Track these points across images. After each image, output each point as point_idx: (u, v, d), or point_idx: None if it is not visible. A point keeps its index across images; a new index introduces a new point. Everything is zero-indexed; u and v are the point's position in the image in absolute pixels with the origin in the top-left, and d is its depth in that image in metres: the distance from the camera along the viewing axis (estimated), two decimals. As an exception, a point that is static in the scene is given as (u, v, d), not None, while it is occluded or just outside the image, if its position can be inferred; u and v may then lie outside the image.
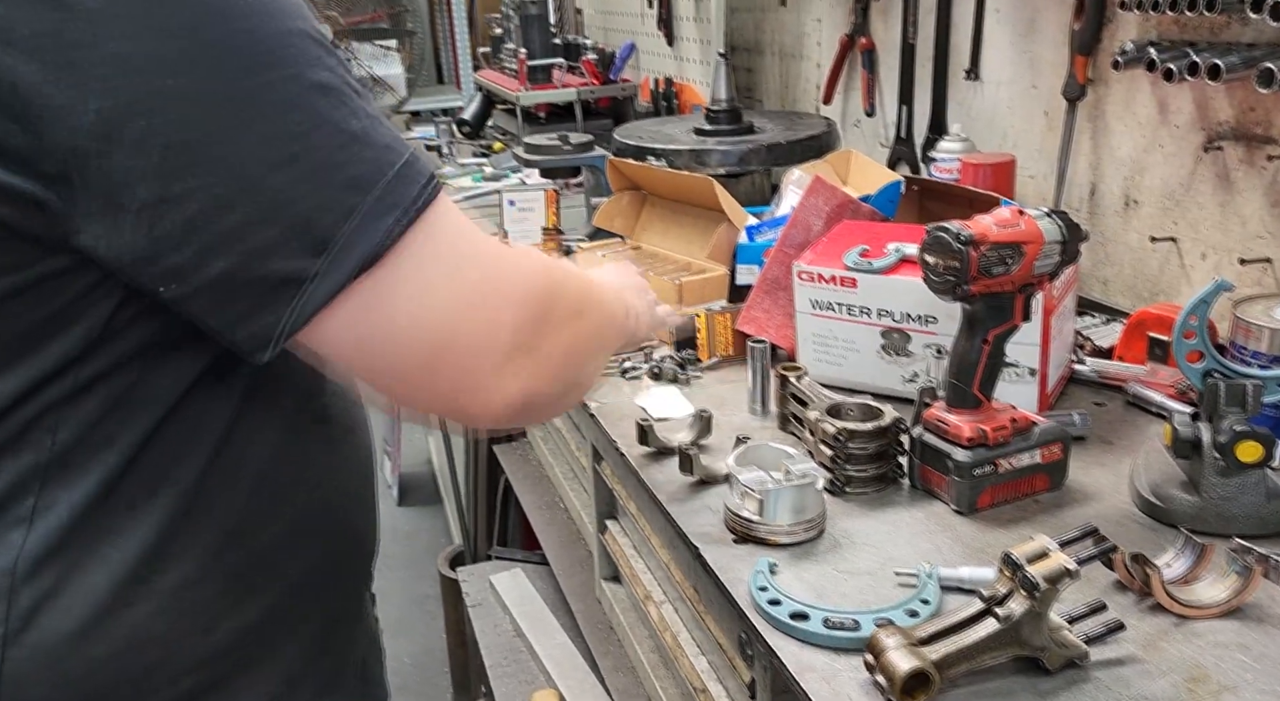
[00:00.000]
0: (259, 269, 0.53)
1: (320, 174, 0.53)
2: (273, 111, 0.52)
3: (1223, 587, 0.78)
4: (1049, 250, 0.91)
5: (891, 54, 1.83)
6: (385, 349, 0.57)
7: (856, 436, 0.97)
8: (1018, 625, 0.70)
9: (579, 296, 0.69)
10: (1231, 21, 1.14)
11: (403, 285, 0.56)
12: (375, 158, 0.55)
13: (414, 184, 0.56)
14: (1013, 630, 0.70)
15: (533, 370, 0.61)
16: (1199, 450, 0.88)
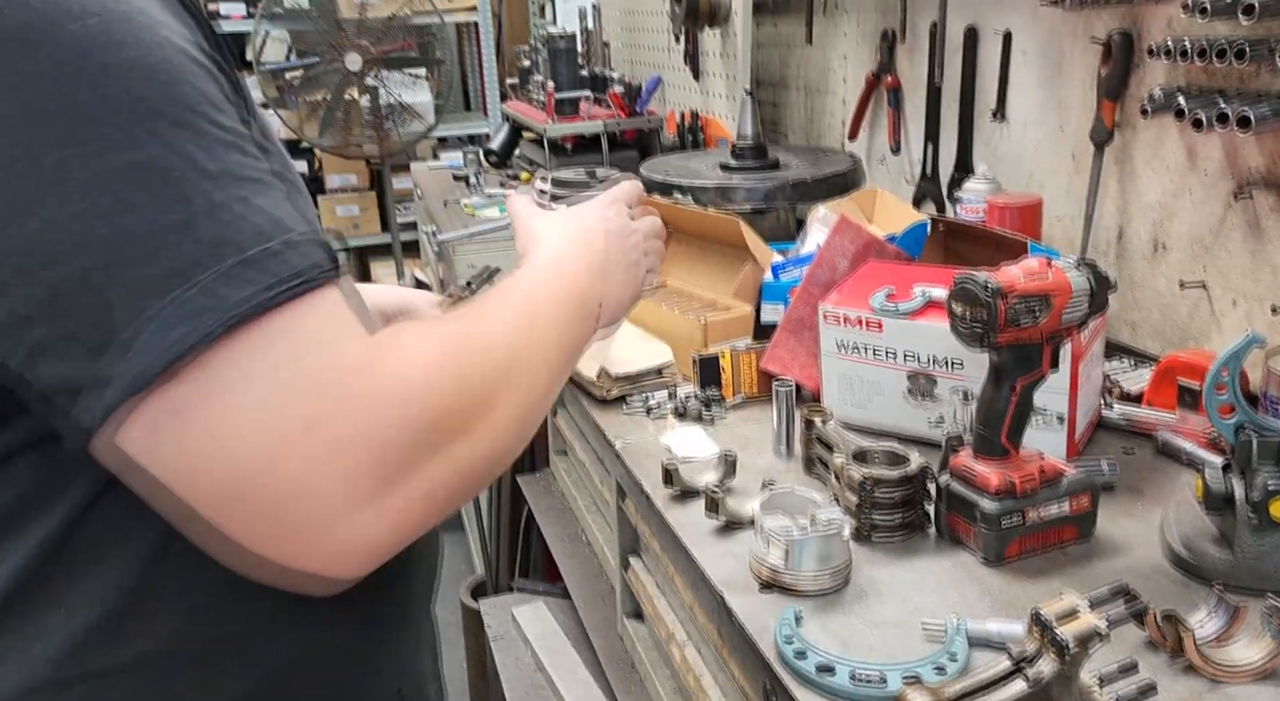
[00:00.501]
0: (36, 368, 0.48)
1: (112, 268, 0.46)
2: (74, 188, 0.46)
3: (1258, 649, 0.76)
4: (1077, 301, 0.91)
5: (917, 92, 1.84)
6: (181, 481, 0.49)
7: (882, 483, 0.97)
8: (1047, 687, 0.69)
9: (477, 403, 0.57)
10: (1261, 70, 1.14)
11: (202, 407, 0.47)
12: (191, 253, 0.47)
13: (248, 284, 0.48)
14: (1042, 692, 0.69)
15: (400, 510, 0.52)
16: (1231, 505, 0.87)
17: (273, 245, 0.50)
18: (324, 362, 0.51)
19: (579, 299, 0.75)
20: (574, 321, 0.73)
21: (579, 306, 0.74)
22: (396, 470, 0.52)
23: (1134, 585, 0.86)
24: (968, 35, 1.67)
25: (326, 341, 0.51)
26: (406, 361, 0.54)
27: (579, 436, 1.72)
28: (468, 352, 0.59)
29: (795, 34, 2.24)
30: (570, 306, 0.73)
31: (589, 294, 0.77)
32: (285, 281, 0.50)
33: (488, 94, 4.67)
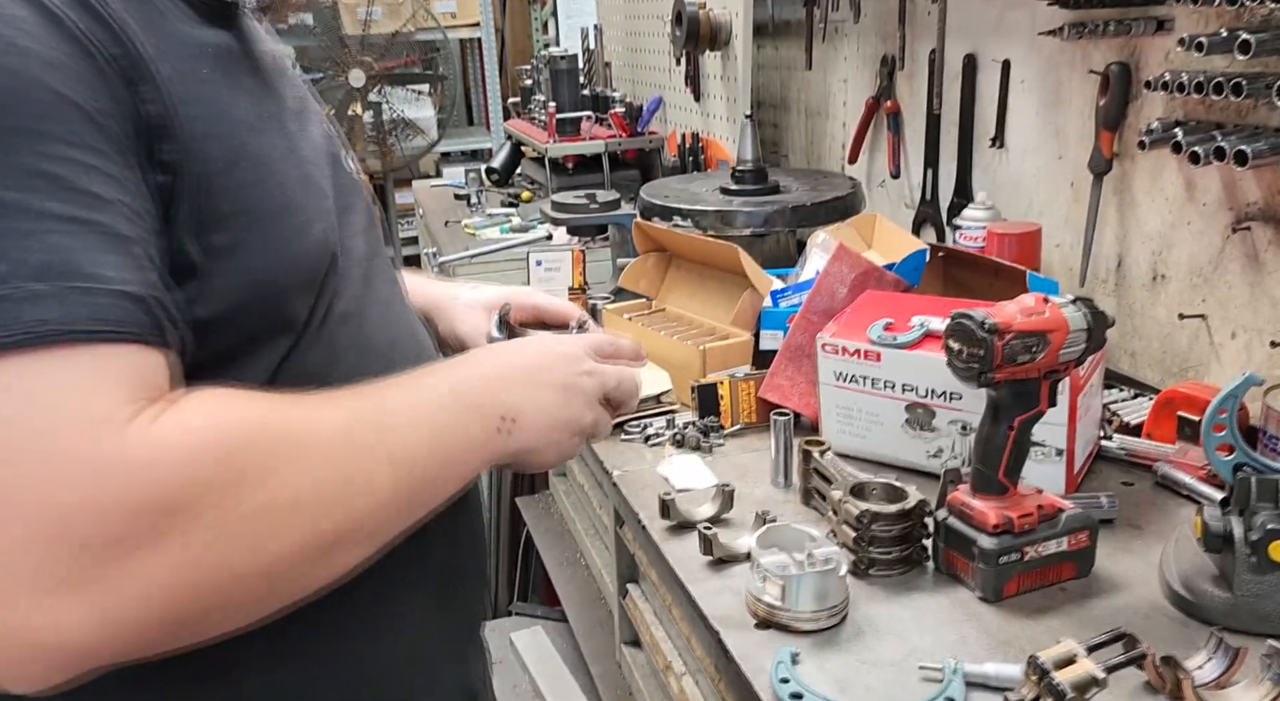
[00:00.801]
0: None
1: None
2: None
3: (1256, 694, 0.76)
4: (1074, 338, 0.91)
5: (917, 117, 1.85)
6: None
7: (880, 518, 0.97)
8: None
9: (237, 487, 0.50)
10: (1259, 105, 1.15)
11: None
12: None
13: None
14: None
15: (105, 607, 0.46)
16: (1231, 545, 0.87)
17: (29, 288, 0.47)
18: (38, 426, 0.46)
19: (472, 402, 0.66)
20: (456, 425, 0.64)
21: (466, 410, 0.65)
22: (101, 553, 0.46)
23: (1133, 624, 0.86)
24: (966, 63, 1.68)
25: (54, 403, 0.47)
26: (163, 430, 0.49)
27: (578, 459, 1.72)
28: (262, 432, 0.53)
29: (796, 57, 2.25)
30: (454, 410, 0.64)
31: (486, 400, 0.67)
32: (21, 329, 0.46)
33: (490, 109, 4.69)
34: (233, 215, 0.60)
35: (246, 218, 0.61)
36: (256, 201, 0.62)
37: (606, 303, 1.70)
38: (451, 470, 0.64)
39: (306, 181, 0.68)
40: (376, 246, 0.81)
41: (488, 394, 0.67)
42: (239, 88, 0.65)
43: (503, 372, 0.70)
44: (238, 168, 0.61)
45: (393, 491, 0.59)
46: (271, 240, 0.63)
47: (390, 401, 0.62)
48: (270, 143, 0.66)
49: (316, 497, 0.54)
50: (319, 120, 0.79)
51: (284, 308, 0.65)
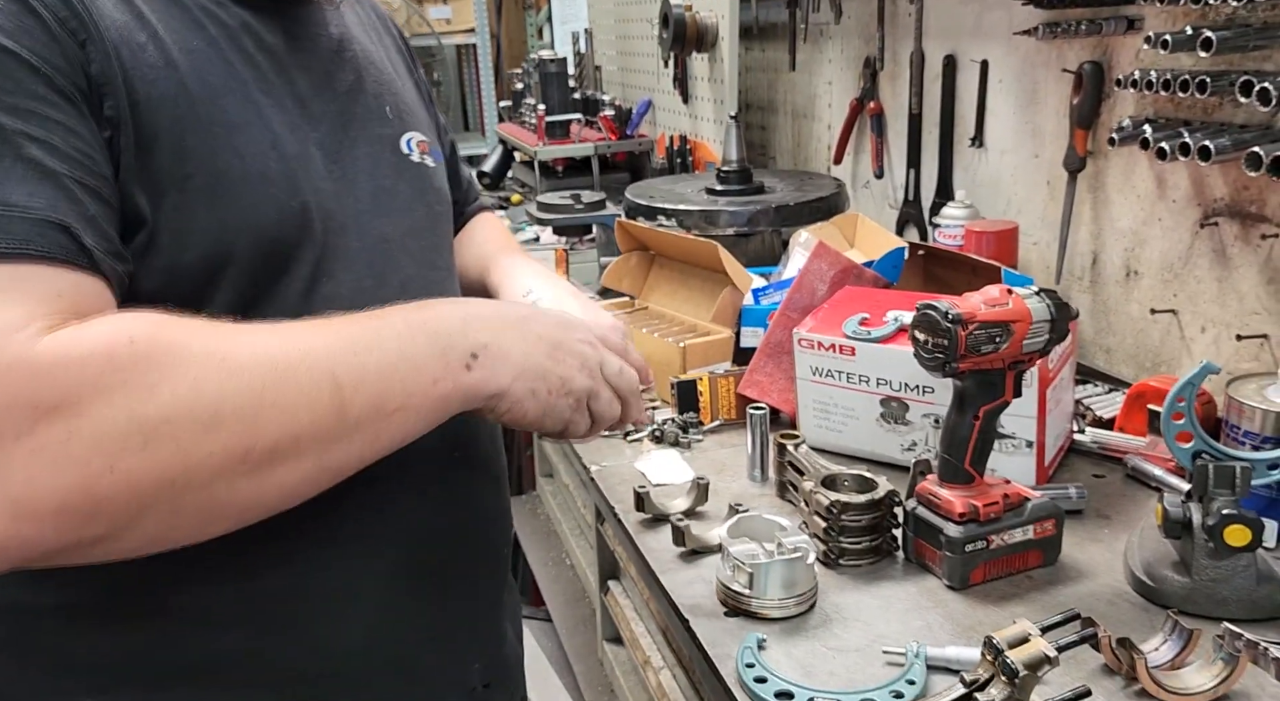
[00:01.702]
0: None
1: None
2: None
3: (1209, 674, 0.77)
4: (1037, 329, 0.93)
5: (900, 119, 1.86)
6: None
7: (850, 508, 0.98)
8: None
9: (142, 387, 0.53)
10: (1224, 102, 1.16)
11: None
12: None
13: None
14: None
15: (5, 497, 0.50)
16: (1190, 531, 0.88)
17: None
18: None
19: (437, 332, 0.65)
20: (414, 352, 0.63)
21: (431, 339, 0.65)
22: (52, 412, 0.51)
23: (1096, 610, 0.87)
24: (946, 63, 1.70)
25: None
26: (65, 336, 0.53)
27: (563, 458, 1.74)
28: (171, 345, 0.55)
29: (783, 59, 2.27)
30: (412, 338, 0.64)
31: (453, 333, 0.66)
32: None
33: (486, 115, 4.71)
34: (184, 176, 0.64)
35: (197, 180, 0.64)
36: (210, 166, 0.65)
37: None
38: (409, 398, 0.62)
39: (287, 157, 0.71)
40: (416, 229, 0.82)
41: (458, 328, 0.66)
42: (234, 62, 0.70)
43: (485, 314, 0.69)
44: (191, 132, 0.65)
45: (336, 410, 0.59)
46: (221, 205, 0.65)
47: (343, 327, 0.62)
48: (251, 114, 0.69)
49: (232, 410, 0.55)
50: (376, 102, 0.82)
51: (238, 272, 0.67)
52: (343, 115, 0.79)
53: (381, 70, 0.87)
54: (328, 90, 0.78)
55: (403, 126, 0.85)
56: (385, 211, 0.79)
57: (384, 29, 0.96)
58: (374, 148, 0.81)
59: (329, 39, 0.81)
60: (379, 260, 0.77)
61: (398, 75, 0.92)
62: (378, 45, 0.91)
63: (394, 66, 0.92)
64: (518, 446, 2.31)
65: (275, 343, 0.59)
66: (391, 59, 0.93)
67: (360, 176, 0.78)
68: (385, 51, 0.92)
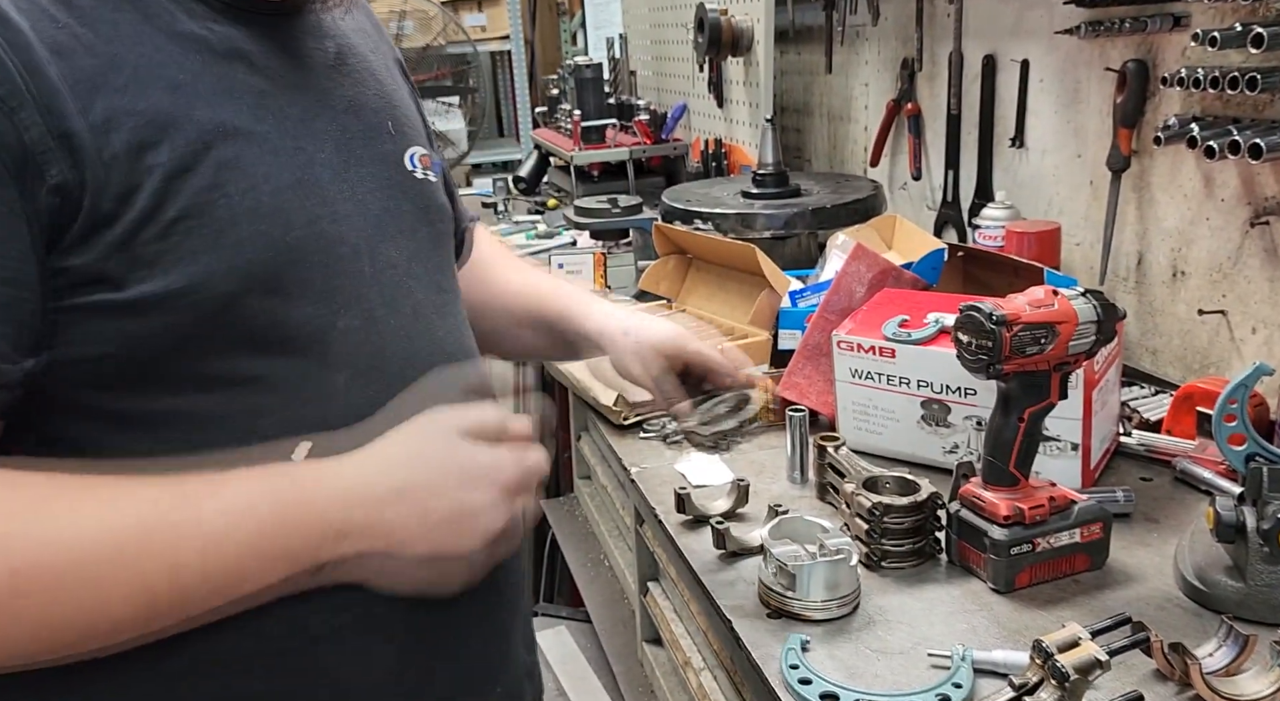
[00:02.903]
0: None
1: None
2: None
3: (1267, 681, 0.76)
4: (1084, 330, 0.92)
5: (938, 119, 1.85)
6: None
7: (892, 511, 0.98)
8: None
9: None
10: (1275, 99, 1.14)
11: None
12: None
13: None
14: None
15: None
16: (1243, 535, 0.86)
17: None
18: None
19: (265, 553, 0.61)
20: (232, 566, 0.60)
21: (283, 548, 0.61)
22: None
23: (1146, 614, 0.86)
24: (985, 64, 1.69)
25: None
26: None
27: (601, 461, 1.74)
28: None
29: (818, 62, 2.26)
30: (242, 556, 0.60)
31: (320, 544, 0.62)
32: None
33: (520, 121, 4.75)
34: (169, 223, 0.61)
35: (181, 225, 0.61)
36: (194, 208, 0.62)
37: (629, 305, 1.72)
38: (255, 590, 0.61)
39: (282, 189, 0.67)
40: (422, 251, 0.79)
41: (331, 533, 0.62)
42: (224, 92, 0.66)
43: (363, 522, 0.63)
44: (175, 176, 0.61)
45: (167, 593, 0.58)
46: (210, 248, 0.62)
47: (200, 519, 0.59)
48: (241, 146, 0.65)
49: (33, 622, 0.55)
50: (376, 117, 0.78)
51: (239, 315, 0.64)
52: (345, 133, 0.74)
53: (381, 82, 0.82)
54: (328, 108, 0.74)
55: (405, 142, 0.81)
56: (392, 234, 0.75)
57: (379, 36, 0.90)
58: (378, 167, 0.76)
59: (326, 52, 0.76)
60: (389, 286, 0.73)
61: (396, 85, 0.86)
62: (375, 54, 0.85)
63: (391, 76, 0.86)
64: (556, 449, 2.33)
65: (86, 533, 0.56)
66: (388, 67, 0.87)
67: (368, 197, 0.74)
68: (382, 59, 0.87)
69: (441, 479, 0.65)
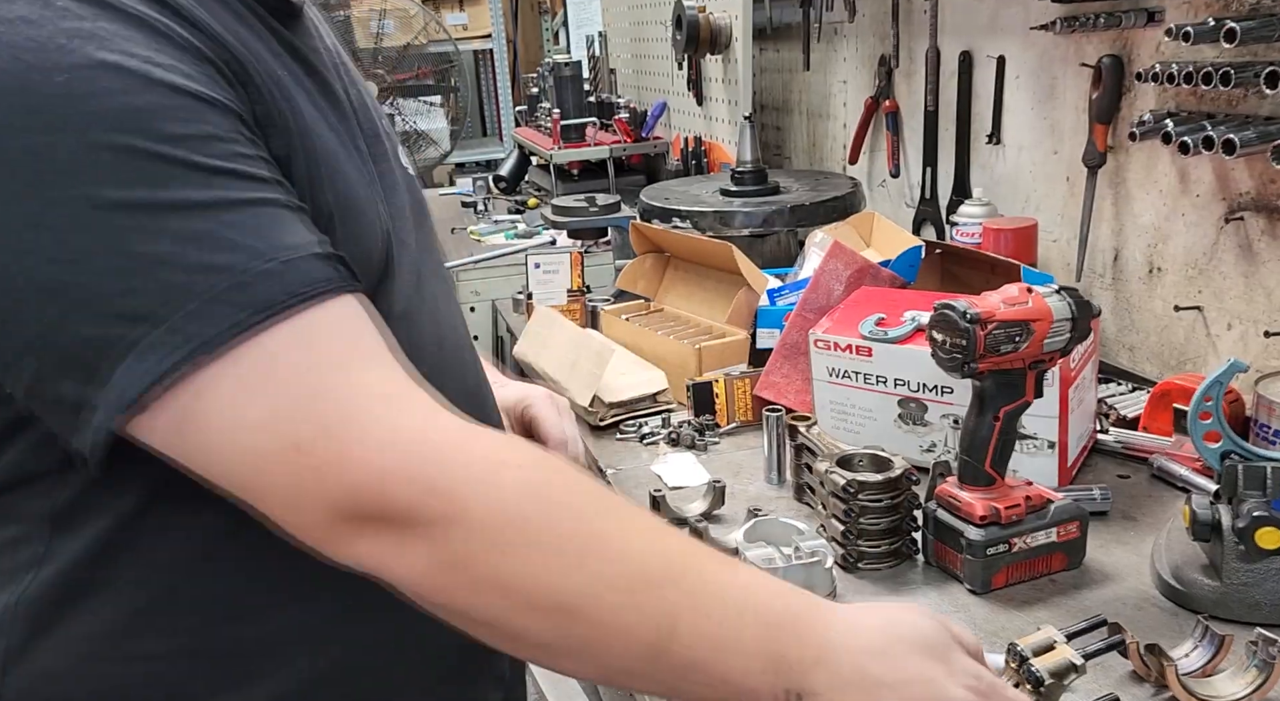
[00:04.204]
0: (43, 393, 0.53)
1: (91, 304, 0.51)
2: (49, 235, 0.50)
3: (1243, 682, 0.75)
4: (1058, 328, 0.91)
5: (915, 117, 1.85)
6: (207, 470, 0.54)
7: (866, 488, 0.96)
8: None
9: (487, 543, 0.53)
10: (1248, 94, 1.14)
11: (192, 429, 0.52)
12: (174, 284, 0.51)
13: (227, 314, 0.51)
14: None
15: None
16: (1219, 533, 0.86)
17: (240, 278, 0.52)
18: (320, 383, 0.53)
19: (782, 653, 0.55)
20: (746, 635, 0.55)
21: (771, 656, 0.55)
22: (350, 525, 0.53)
23: (1123, 615, 0.85)
24: (962, 60, 1.68)
25: (329, 362, 0.53)
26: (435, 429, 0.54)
27: (580, 462, 1.73)
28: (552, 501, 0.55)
29: (797, 59, 2.25)
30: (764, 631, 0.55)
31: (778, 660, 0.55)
32: (269, 305, 0.52)
33: (503, 120, 4.73)
34: (329, 208, 0.62)
35: (338, 213, 0.62)
36: (335, 199, 0.63)
37: (606, 305, 1.71)
38: (711, 685, 0.55)
39: (369, 180, 0.69)
40: (427, 242, 0.81)
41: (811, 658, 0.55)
42: (303, 86, 0.66)
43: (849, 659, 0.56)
44: (320, 165, 0.62)
45: (647, 651, 0.54)
46: (346, 239, 0.62)
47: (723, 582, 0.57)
48: (336, 141, 0.67)
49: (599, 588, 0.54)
50: (374, 113, 0.79)
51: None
52: (362, 132, 0.75)
53: (359, 80, 0.82)
54: (344, 104, 0.75)
55: (395, 140, 0.82)
56: (413, 227, 0.77)
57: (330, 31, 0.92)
58: (389, 162, 0.78)
59: (329, 53, 0.77)
60: (413, 278, 0.75)
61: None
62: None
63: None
64: None
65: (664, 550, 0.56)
66: None
67: (393, 192, 0.76)
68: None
69: (929, 659, 0.58)
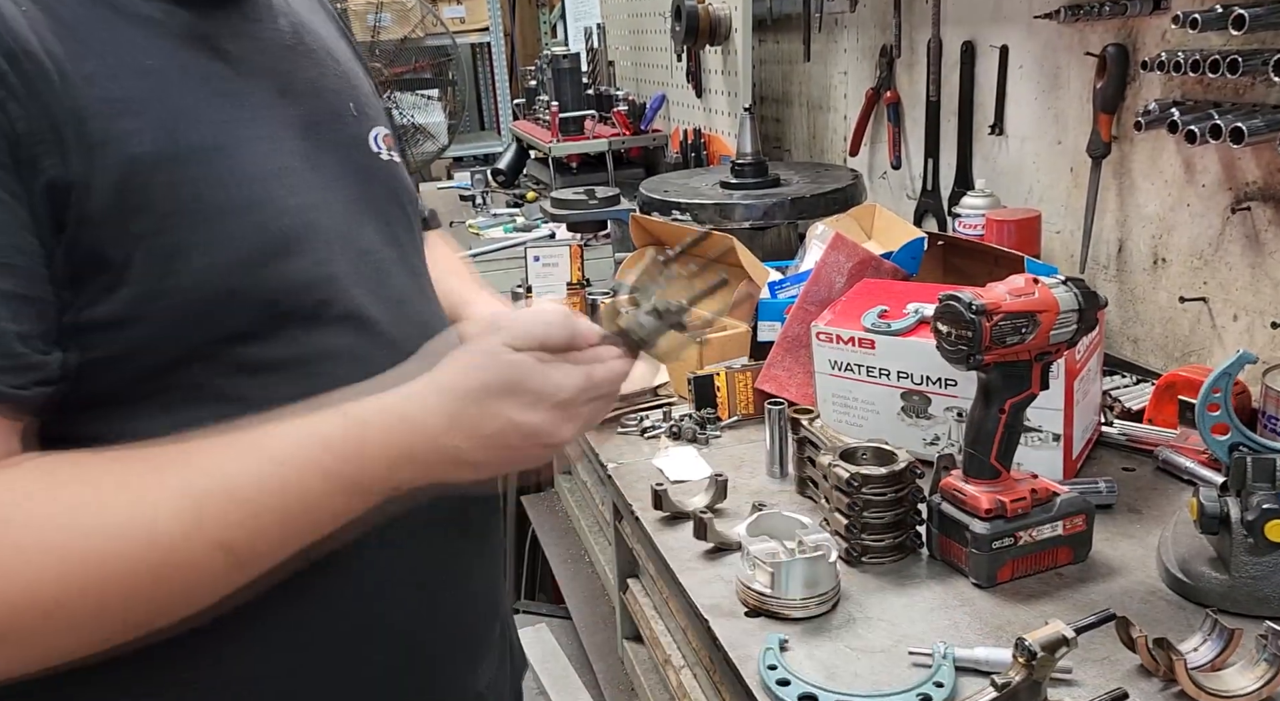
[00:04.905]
0: None
1: None
2: None
3: (1252, 676, 0.74)
4: (1065, 319, 0.90)
5: (917, 107, 1.83)
6: None
7: (870, 481, 0.95)
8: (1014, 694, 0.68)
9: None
10: (1256, 82, 1.13)
11: None
12: None
13: None
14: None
15: None
16: (1227, 526, 0.85)
17: None
18: None
19: (351, 482, 0.60)
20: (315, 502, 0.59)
21: (344, 490, 0.60)
22: None
23: (1130, 608, 0.84)
24: (964, 50, 1.67)
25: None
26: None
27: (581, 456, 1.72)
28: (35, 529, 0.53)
29: (797, 50, 2.24)
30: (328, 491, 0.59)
31: (375, 484, 0.61)
32: None
33: (501, 113, 4.71)
34: (163, 216, 0.58)
35: (179, 219, 0.59)
36: (190, 201, 0.60)
37: (605, 297, 1.69)
38: (317, 532, 0.60)
39: (267, 177, 0.65)
40: (396, 236, 0.77)
41: (382, 476, 0.60)
42: (195, 77, 0.63)
43: (418, 451, 0.61)
44: (164, 167, 0.59)
45: (231, 570, 0.57)
46: (209, 243, 0.60)
47: (242, 483, 0.57)
48: (224, 135, 0.63)
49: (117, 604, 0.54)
50: (339, 98, 0.75)
51: (239, 315, 0.62)
52: (310, 116, 0.71)
53: (338, 60, 0.79)
54: (291, 92, 0.71)
55: (369, 122, 0.78)
56: (366, 221, 0.73)
57: (326, 14, 0.86)
58: (346, 151, 0.74)
59: (282, 32, 0.73)
60: (369, 276, 0.71)
61: (350, 61, 0.83)
62: (325, 28, 0.82)
63: (342, 50, 0.83)
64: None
65: (161, 522, 0.55)
66: (336, 41, 0.83)
67: (337, 184, 0.71)
68: (331, 33, 0.83)
69: (495, 401, 0.62)
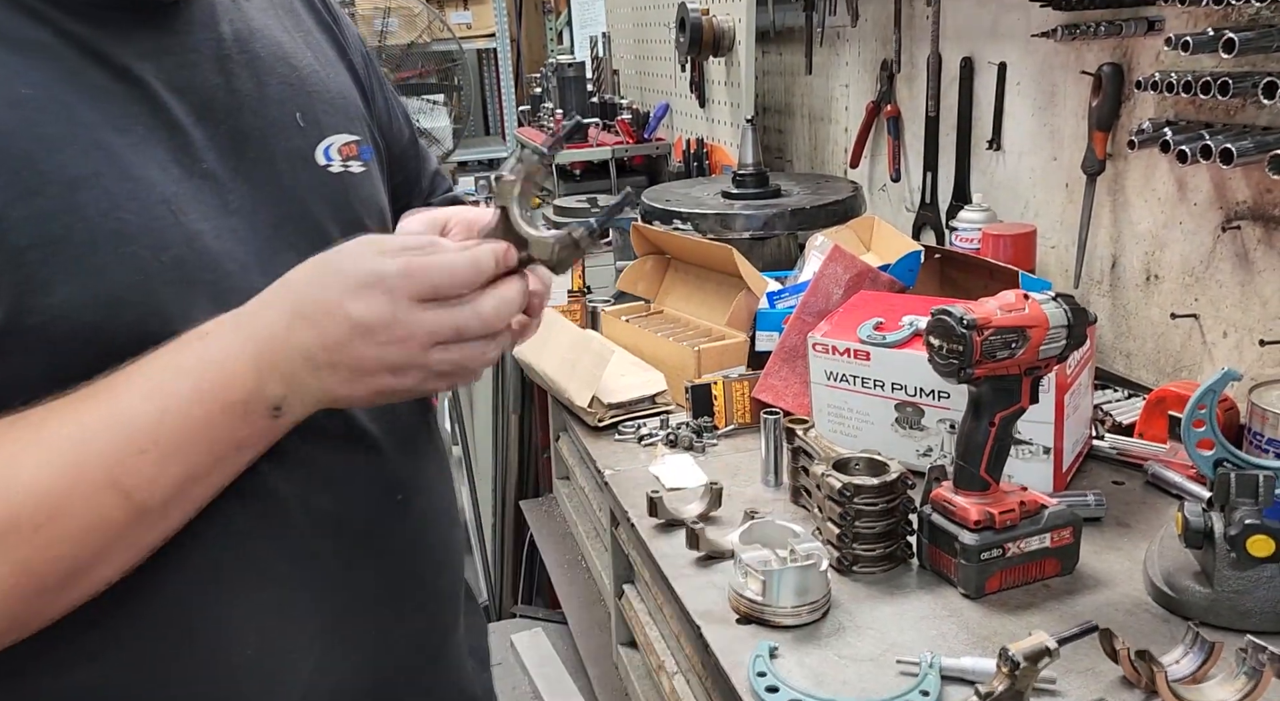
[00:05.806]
0: None
1: None
2: None
3: (1232, 689, 0.76)
4: (1054, 335, 0.92)
5: (916, 121, 1.85)
6: None
7: (862, 491, 0.96)
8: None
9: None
10: (1246, 104, 1.14)
11: None
12: None
13: None
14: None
15: None
16: (1211, 541, 0.87)
17: None
18: None
19: (223, 398, 0.58)
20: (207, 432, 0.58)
21: (223, 409, 0.58)
22: None
23: (1115, 620, 0.86)
24: (963, 66, 1.69)
25: None
26: None
27: (579, 462, 1.73)
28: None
29: (799, 63, 2.26)
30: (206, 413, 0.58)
31: (248, 397, 0.58)
32: None
33: (506, 119, 4.73)
34: (17, 251, 0.56)
35: (33, 253, 0.56)
36: (47, 233, 0.57)
37: (606, 306, 1.71)
38: (216, 464, 0.60)
39: (151, 205, 0.61)
40: None
41: (251, 387, 0.58)
42: (77, 104, 0.60)
43: (277, 356, 0.58)
44: (22, 200, 0.56)
45: (131, 512, 0.57)
46: (69, 276, 0.57)
47: (120, 415, 0.57)
48: (100, 162, 0.60)
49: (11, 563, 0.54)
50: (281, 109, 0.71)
51: (109, 350, 0.58)
52: (238, 134, 0.68)
53: (294, 66, 0.74)
54: (212, 108, 0.67)
55: (319, 133, 0.74)
56: (293, 242, 0.68)
57: (303, 4, 0.82)
58: (280, 167, 0.70)
59: (219, 41, 0.69)
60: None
61: (319, 63, 0.77)
62: (292, 31, 0.77)
63: (315, 53, 0.78)
64: (534, 449, 2.32)
65: (44, 469, 0.55)
66: (312, 43, 0.79)
67: (261, 207, 0.68)
68: (304, 35, 0.78)
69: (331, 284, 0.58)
